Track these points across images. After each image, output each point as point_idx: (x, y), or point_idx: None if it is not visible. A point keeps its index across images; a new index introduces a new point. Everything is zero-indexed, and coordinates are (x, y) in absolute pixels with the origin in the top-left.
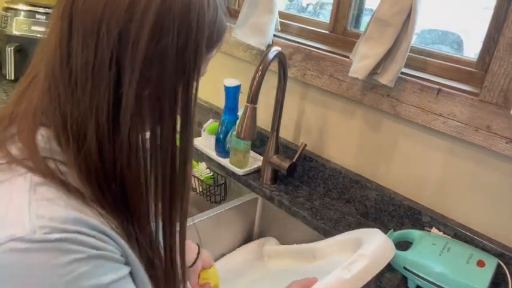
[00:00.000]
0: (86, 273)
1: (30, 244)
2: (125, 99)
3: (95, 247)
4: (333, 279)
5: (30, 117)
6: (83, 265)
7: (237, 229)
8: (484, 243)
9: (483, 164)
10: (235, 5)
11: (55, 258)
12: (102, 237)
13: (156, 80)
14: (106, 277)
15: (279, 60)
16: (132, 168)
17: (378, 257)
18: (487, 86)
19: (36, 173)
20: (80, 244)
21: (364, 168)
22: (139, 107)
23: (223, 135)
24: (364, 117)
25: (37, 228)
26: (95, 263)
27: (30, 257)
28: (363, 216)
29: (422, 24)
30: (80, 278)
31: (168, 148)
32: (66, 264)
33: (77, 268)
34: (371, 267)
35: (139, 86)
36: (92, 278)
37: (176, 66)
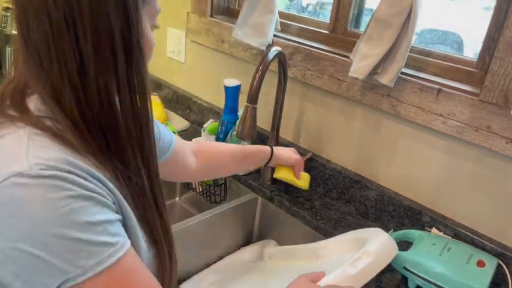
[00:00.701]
0: (78, 210)
1: (28, 179)
2: (85, 52)
3: (85, 187)
4: (339, 275)
5: (18, 91)
6: (75, 202)
7: (237, 229)
8: (484, 243)
9: (483, 164)
10: (235, 5)
11: (49, 192)
12: (93, 180)
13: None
14: (95, 217)
15: (279, 60)
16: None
17: (382, 254)
18: (487, 86)
19: (34, 126)
20: (71, 182)
21: (364, 168)
22: (98, 55)
23: (223, 135)
24: (364, 117)
25: (33, 165)
26: (86, 202)
27: (28, 190)
28: (363, 216)
29: (422, 24)
30: (73, 213)
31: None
32: (60, 199)
33: (70, 203)
34: (375, 264)
35: (94, 37)
36: (82, 214)
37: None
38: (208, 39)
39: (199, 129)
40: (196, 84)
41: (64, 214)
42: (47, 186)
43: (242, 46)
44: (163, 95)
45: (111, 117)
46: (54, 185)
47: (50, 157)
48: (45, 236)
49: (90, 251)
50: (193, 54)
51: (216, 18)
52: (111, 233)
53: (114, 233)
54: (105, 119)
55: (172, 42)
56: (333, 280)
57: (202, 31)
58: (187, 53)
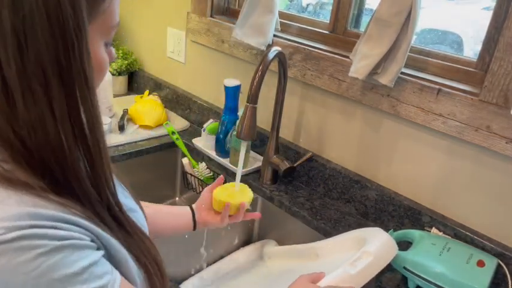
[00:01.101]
0: (54, 265)
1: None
2: (9, 79)
3: (56, 238)
4: (339, 275)
5: None
6: (48, 258)
7: (237, 229)
8: (484, 243)
9: (483, 164)
10: (235, 5)
11: (17, 257)
12: (63, 225)
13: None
14: (76, 265)
15: (279, 60)
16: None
17: (382, 254)
18: (487, 86)
19: None
20: (39, 238)
21: (364, 168)
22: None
23: (223, 135)
24: (364, 117)
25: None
26: (61, 253)
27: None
28: (363, 216)
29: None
30: (48, 271)
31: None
32: (30, 260)
33: (43, 262)
34: (375, 264)
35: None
36: (61, 268)
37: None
38: (208, 39)
39: (199, 129)
40: (196, 84)
41: (40, 275)
42: (12, 250)
43: (242, 46)
44: (163, 95)
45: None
46: (20, 247)
47: (7, 215)
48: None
49: None
50: (193, 54)
51: (216, 18)
52: (98, 276)
53: (101, 274)
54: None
55: (172, 42)
56: (333, 280)
57: (202, 31)
58: (187, 53)
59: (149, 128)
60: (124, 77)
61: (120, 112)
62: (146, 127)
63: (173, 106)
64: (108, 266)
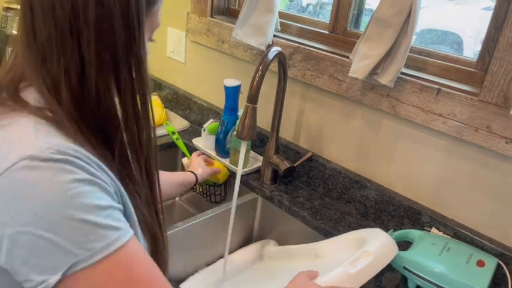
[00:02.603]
0: (85, 192)
1: (39, 162)
2: (87, 59)
3: (91, 173)
4: (339, 274)
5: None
6: (83, 185)
7: (237, 229)
8: (484, 243)
9: (483, 164)
10: (235, 5)
11: (58, 175)
12: (97, 168)
13: (108, 36)
14: (101, 200)
15: (279, 60)
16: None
17: (382, 254)
18: (487, 86)
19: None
20: (78, 167)
21: (364, 168)
22: (100, 63)
23: (223, 135)
24: (364, 117)
25: (44, 149)
26: (92, 187)
27: (38, 173)
28: (363, 216)
29: (422, 24)
30: (81, 195)
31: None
32: (69, 181)
33: (78, 186)
34: (375, 264)
35: (97, 45)
36: (90, 197)
37: (122, 23)
38: (208, 39)
39: (199, 129)
40: (196, 84)
41: (73, 196)
42: (56, 169)
43: (242, 46)
44: (163, 95)
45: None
46: (63, 168)
47: (58, 143)
48: (55, 217)
49: (98, 234)
50: (193, 54)
51: (216, 18)
52: (116, 219)
53: (118, 218)
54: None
55: (172, 42)
56: (333, 279)
57: (202, 31)
58: (187, 53)
59: None
60: None
61: None
62: None
63: (173, 106)
64: (123, 218)
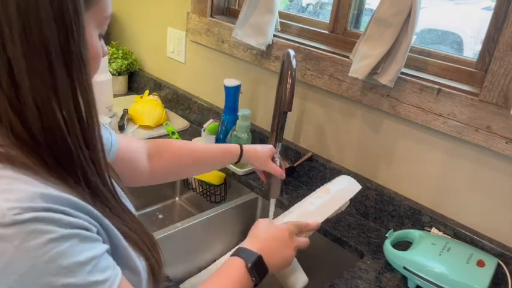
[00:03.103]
0: (63, 252)
1: (2, 229)
2: (15, 62)
3: (67, 225)
4: (298, 212)
5: None
6: (59, 244)
7: (237, 229)
8: (484, 243)
9: (483, 164)
10: (235, 5)
11: (30, 240)
12: (74, 212)
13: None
14: (82, 255)
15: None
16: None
17: (341, 191)
18: (487, 86)
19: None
20: (51, 223)
21: (364, 168)
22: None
23: (223, 135)
24: (364, 117)
25: (5, 211)
26: (70, 241)
27: (4, 243)
28: (363, 216)
29: (422, 24)
30: (58, 257)
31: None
32: (42, 245)
33: (53, 248)
34: (334, 200)
35: (23, 44)
36: (69, 256)
37: (53, 15)
38: (208, 39)
39: (199, 129)
40: (196, 84)
41: (49, 261)
42: (24, 233)
43: (242, 46)
44: (163, 95)
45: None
46: (33, 230)
47: (21, 196)
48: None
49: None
50: (193, 54)
51: (216, 18)
52: (101, 269)
53: (104, 268)
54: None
55: (172, 42)
56: (292, 218)
57: (202, 31)
58: (187, 53)
59: (149, 128)
60: (124, 77)
61: (120, 112)
62: (146, 127)
63: (173, 106)
64: (111, 260)
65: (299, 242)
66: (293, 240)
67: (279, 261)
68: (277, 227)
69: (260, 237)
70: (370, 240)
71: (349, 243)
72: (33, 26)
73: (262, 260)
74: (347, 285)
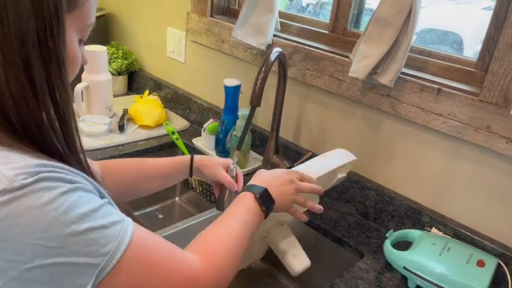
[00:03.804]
0: (76, 202)
1: (13, 193)
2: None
3: (70, 181)
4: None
5: None
6: (69, 196)
7: None
8: (484, 243)
9: (483, 164)
10: (235, 4)
11: (41, 197)
12: (69, 172)
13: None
14: (92, 203)
15: (279, 60)
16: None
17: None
18: (487, 86)
19: None
20: (57, 180)
21: (364, 168)
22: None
23: (223, 135)
24: (364, 117)
25: (13, 178)
26: (77, 193)
27: (19, 204)
28: (363, 216)
29: (422, 24)
30: (73, 206)
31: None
32: (55, 198)
33: (66, 200)
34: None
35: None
36: (83, 205)
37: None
38: (208, 39)
39: (199, 129)
40: (196, 84)
41: (66, 211)
42: (36, 191)
43: (242, 46)
44: (163, 95)
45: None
46: (43, 188)
47: (23, 164)
48: (59, 240)
49: (106, 236)
50: (193, 54)
51: (216, 18)
52: (112, 213)
53: (113, 212)
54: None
55: (172, 42)
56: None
57: (202, 31)
58: (187, 53)
59: (149, 128)
60: (124, 77)
61: (120, 112)
62: (146, 127)
63: (173, 106)
64: (116, 208)
65: (300, 185)
66: (294, 182)
67: (282, 198)
68: (278, 170)
69: (264, 176)
70: (370, 240)
71: (349, 243)
72: (11, 20)
73: (269, 193)
74: (347, 285)
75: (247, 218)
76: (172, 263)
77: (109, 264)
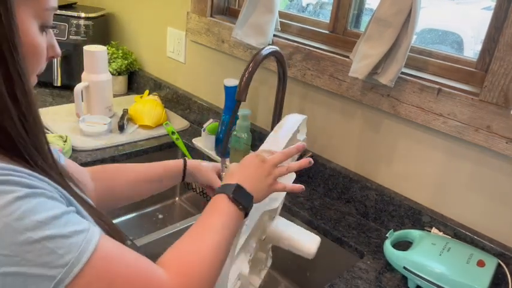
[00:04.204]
0: (33, 208)
1: None
2: None
3: (30, 186)
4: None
5: None
6: (26, 201)
7: None
8: (484, 243)
9: (483, 164)
10: (235, 4)
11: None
12: (33, 178)
13: None
14: (53, 210)
15: (277, 60)
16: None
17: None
18: (487, 86)
19: None
20: (14, 184)
21: (364, 168)
22: None
23: (223, 135)
24: (364, 117)
25: None
26: (37, 199)
27: None
28: (363, 216)
29: (422, 24)
30: (29, 213)
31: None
32: (10, 203)
33: (22, 205)
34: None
35: None
36: (41, 211)
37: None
38: (208, 39)
39: (199, 129)
40: (196, 84)
41: (20, 217)
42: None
43: (242, 46)
44: (163, 94)
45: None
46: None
47: None
48: (12, 248)
49: (65, 245)
50: (193, 54)
51: (216, 18)
52: (76, 222)
53: (77, 221)
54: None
55: (172, 42)
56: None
57: (202, 31)
58: (187, 53)
59: (149, 128)
60: (124, 76)
61: (120, 112)
62: (146, 127)
63: (173, 106)
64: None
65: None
66: (266, 161)
67: (258, 186)
68: (247, 156)
69: (233, 172)
70: (370, 240)
71: (349, 243)
72: None
73: (242, 187)
74: (347, 285)
75: (223, 223)
76: (139, 280)
77: (67, 277)
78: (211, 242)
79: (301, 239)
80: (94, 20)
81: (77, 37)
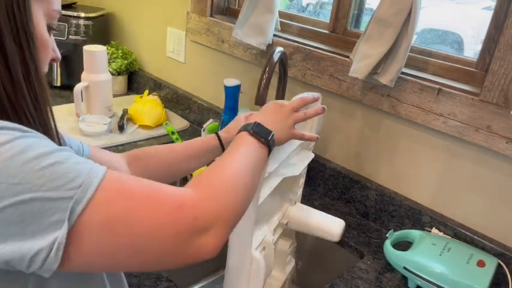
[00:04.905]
0: (33, 143)
1: None
2: None
3: (27, 130)
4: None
5: None
6: (25, 139)
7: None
8: (484, 243)
9: (483, 164)
10: (235, 4)
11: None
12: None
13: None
14: (51, 146)
15: (281, 60)
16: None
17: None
18: (487, 86)
19: None
20: (11, 129)
21: (364, 168)
22: None
23: None
24: (364, 117)
25: None
26: (33, 139)
27: None
28: (363, 216)
29: (422, 24)
30: (31, 147)
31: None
32: (10, 141)
33: (23, 142)
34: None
35: None
36: (42, 146)
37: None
38: (208, 39)
39: (199, 129)
40: (196, 84)
41: (23, 150)
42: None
43: (242, 46)
44: (163, 94)
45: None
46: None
47: None
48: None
49: (75, 169)
50: (193, 54)
51: (216, 18)
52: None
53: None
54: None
55: (172, 42)
56: None
57: (202, 31)
58: (187, 52)
59: (149, 128)
60: (124, 76)
61: (120, 112)
62: (146, 127)
63: (173, 106)
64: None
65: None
66: (284, 105)
67: (279, 125)
68: (266, 104)
69: (253, 115)
70: (370, 241)
71: (349, 243)
72: None
73: (262, 125)
74: (347, 285)
75: (246, 151)
76: (157, 192)
77: (84, 197)
78: (236, 165)
79: (327, 221)
80: (94, 20)
81: (77, 37)
